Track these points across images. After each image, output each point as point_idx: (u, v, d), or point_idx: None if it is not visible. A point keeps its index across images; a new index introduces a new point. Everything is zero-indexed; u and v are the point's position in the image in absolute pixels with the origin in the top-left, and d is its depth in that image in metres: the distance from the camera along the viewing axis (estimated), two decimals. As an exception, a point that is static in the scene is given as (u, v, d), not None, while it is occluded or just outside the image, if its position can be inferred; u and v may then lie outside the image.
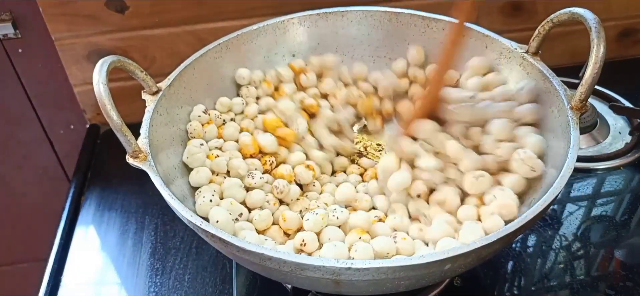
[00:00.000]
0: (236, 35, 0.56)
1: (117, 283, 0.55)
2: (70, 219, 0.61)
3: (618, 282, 0.52)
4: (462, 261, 0.36)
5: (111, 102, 0.40)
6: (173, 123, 0.50)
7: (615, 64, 0.77)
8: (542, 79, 0.49)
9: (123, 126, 0.41)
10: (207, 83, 0.55)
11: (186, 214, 0.39)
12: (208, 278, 0.54)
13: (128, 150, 0.42)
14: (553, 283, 0.52)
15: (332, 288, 0.38)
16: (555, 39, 0.75)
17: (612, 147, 0.66)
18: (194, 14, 0.66)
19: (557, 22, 0.48)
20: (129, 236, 0.59)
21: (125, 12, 0.65)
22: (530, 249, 0.55)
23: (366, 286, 0.37)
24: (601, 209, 0.59)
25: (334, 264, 0.35)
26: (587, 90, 0.44)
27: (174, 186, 0.46)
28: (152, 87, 0.48)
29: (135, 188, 0.64)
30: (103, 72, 0.41)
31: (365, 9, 0.59)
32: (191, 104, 0.53)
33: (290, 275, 0.37)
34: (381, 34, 0.60)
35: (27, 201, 0.84)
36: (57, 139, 0.78)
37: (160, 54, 0.68)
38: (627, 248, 0.55)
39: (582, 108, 0.45)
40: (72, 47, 0.66)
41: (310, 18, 0.59)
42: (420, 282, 0.41)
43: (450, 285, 0.51)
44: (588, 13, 0.44)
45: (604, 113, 0.70)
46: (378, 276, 0.35)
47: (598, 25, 0.43)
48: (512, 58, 0.53)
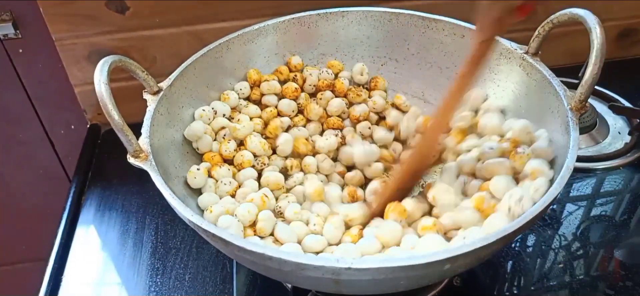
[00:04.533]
0: (237, 35, 0.56)
1: (117, 282, 0.55)
2: (70, 219, 0.62)
3: (617, 282, 0.52)
4: (461, 261, 0.36)
5: (112, 102, 0.40)
6: (174, 123, 0.50)
7: (615, 64, 0.77)
8: (541, 80, 0.50)
9: (124, 126, 0.41)
10: (208, 83, 0.55)
11: (187, 214, 0.39)
12: (208, 277, 0.54)
13: (129, 149, 0.42)
14: (552, 283, 0.52)
15: (333, 287, 0.38)
16: (555, 39, 0.75)
17: (611, 147, 0.66)
18: (194, 15, 0.66)
19: (557, 22, 0.48)
20: (129, 236, 0.59)
21: (125, 12, 0.65)
22: (530, 249, 0.55)
23: (366, 285, 0.38)
24: (601, 209, 0.59)
25: (335, 264, 0.35)
26: (586, 90, 0.44)
27: (175, 186, 0.46)
28: (153, 87, 0.48)
29: (135, 188, 0.64)
30: (104, 71, 0.41)
31: (366, 10, 0.59)
32: (192, 104, 0.53)
33: (291, 275, 0.37)
34: (381, 34, 0.60)
35: (27, 201, 0.84)
36: (58, 139, 0.78)
37: (161, 54, 0.68)
38: (626, 248, 0.55)
39: (582, 109, 0.45)
40: (73, 47, 0.66)
41: (310, 18, 0.59)
42: (420, 282, 0.41)
43: (449, 285, 0.51)
44: (588, 14, 0.44)
45: (603, 113, 0.70)
46: (378, 276, 0.35)
47: (598, 27, 0.43)
48: (512, 58, 0.53)
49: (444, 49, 0.58)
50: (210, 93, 0.55)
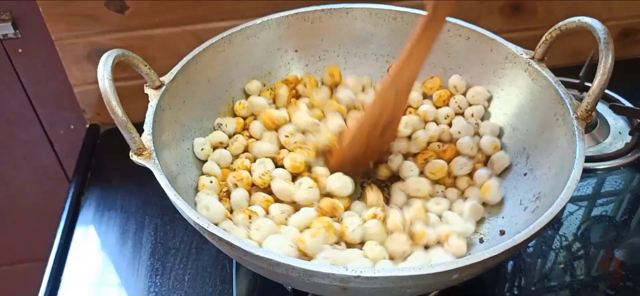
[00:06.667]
0: (239, 29, 0.56)
1: (117, 283, 0.55)
2: (70, 219, 0.61)
3: (618, 282, 0.52)
4: (469, 270, 0.36)
5: (116, 98, 0.40)
6: (175, 118, 0.50)
7: (616, 63, 0.76)
8: (547, 86, 0.49)
9: (128, 123, 0.41)
10: (210, 78, 0.55)
11: (192, 215, 0.38)
12: (208, 278, 0.54)
13: (132, 147, 0.42)
14: (553, 283, 0.52)
15: (339, 294, 0.38)
16: (554, 39, 0.74)
17: (612, 147, 0.66)
18: (194, 14, 0.66)
19: (565, 30, 0.47)
20: (129, 237, 0.59)
21: (125, 12, 0.65)
22: (531, 249, 0.55)
23: (373, 293, 0.37)
24: (601, 209, 0.59)
25: (343, 272, 0.34)
26: (593, 100, 0.44)
27: (176, 184, 0.46)
28: (155, 82, 0.48)
29: (135, 188, 0.64)
30: (108, 66, 0.41)
31: (370, 7, 0.59)
32: (193, 99, 0.53)
33: (298, 281, 0.37)
34: (385, 33, 0.59)
35: (27, 201, 0.83)
36: (57, 139, 0.78)
37: (161, 54, 0.68)
38: (627, 248, 0.55)
39: (588, 119, 0.44)
40: (72, 47, 0.66)
41: (314, 14, 0.59)
42: (426, 290, 0.41)
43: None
44: (596, 23, 0.44)
45: (604, 113, 0.70)
46: (386, 284, 0.35)
47: (607, 36, 0.43)
48: (518, 63, 0.53)
49: (448, 49, 0.57)
50: (212, 89, 0.55)
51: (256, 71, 0.59)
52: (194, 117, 0.53)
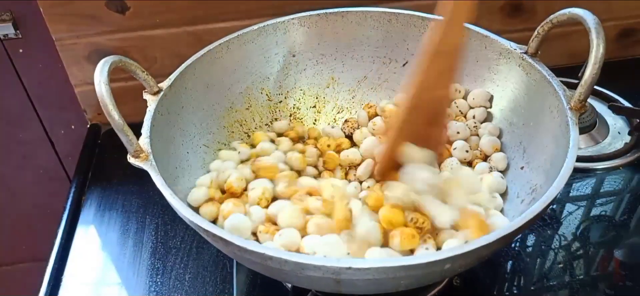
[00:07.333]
0: (237, 36, 0.56)
1: (117, 282, 0.55)
2: (70, 219, 0.62)
3: (617, 282, 0.52)
4: (462, 261, 0.36)
5: (113, 102, 0.41)
6: (174, 123, 0.50)
7: (615, 64, 0.77)
8: (541, 80, 0.50)
9: (125, 126, 0.41)
10: (208, 84, 0.55)
11: (188, 214, 0.39)
12: (208, 277, 0.54)
13: (129, 150, 0.42)
14: (552, 283, 0.52)
15: (333, 287, 0.38)
16: (554, 39, 0.75)
17: (611, 147, 0.66)
18: (194, 15, 0.66)
19: (557, 22, 0.48)
20: (129, 236, 0.59)
21: (125, 12, 0.65)
22: (530, 249, 0.55)
23: (367, 285, 0.38)
24: (600, 209, 0.59)
25: (335, 264, 0.35)
26: (586, 90, 0.44)
27: (175, 186, 0.46)
28: (153, 87, 0.48)
29: (135, 188, 0.64)
30: (104, 72, 0.41)
31: (365, 10, 0.59)
32: (192, 105, 0.53)
33: (291, 274, 0.37)
34: (381, 35, 0.60)
35: (27, 201, 0.84)
36: (58, 139, 0.78)
37: (161, 54, 0.68)
38: (626, 248, 0.55)
39: (582, 109, 0.45)
40: (73, 47, 0.66)
41: (310, 19, 0.59)
42: (420, 281, 0.41)
43: (449, 285, 0.51)
44: (587, 14, 0.44)
45: (603, 113, 0.70)
46: (378, 275, 0.35)
47: (598, 26, 0.43)
48: (511, 58, 0.53)
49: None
50: (210, 94, 0.55)
51: (254, 76, 0.59)
52: (193, 121, 0.53)
